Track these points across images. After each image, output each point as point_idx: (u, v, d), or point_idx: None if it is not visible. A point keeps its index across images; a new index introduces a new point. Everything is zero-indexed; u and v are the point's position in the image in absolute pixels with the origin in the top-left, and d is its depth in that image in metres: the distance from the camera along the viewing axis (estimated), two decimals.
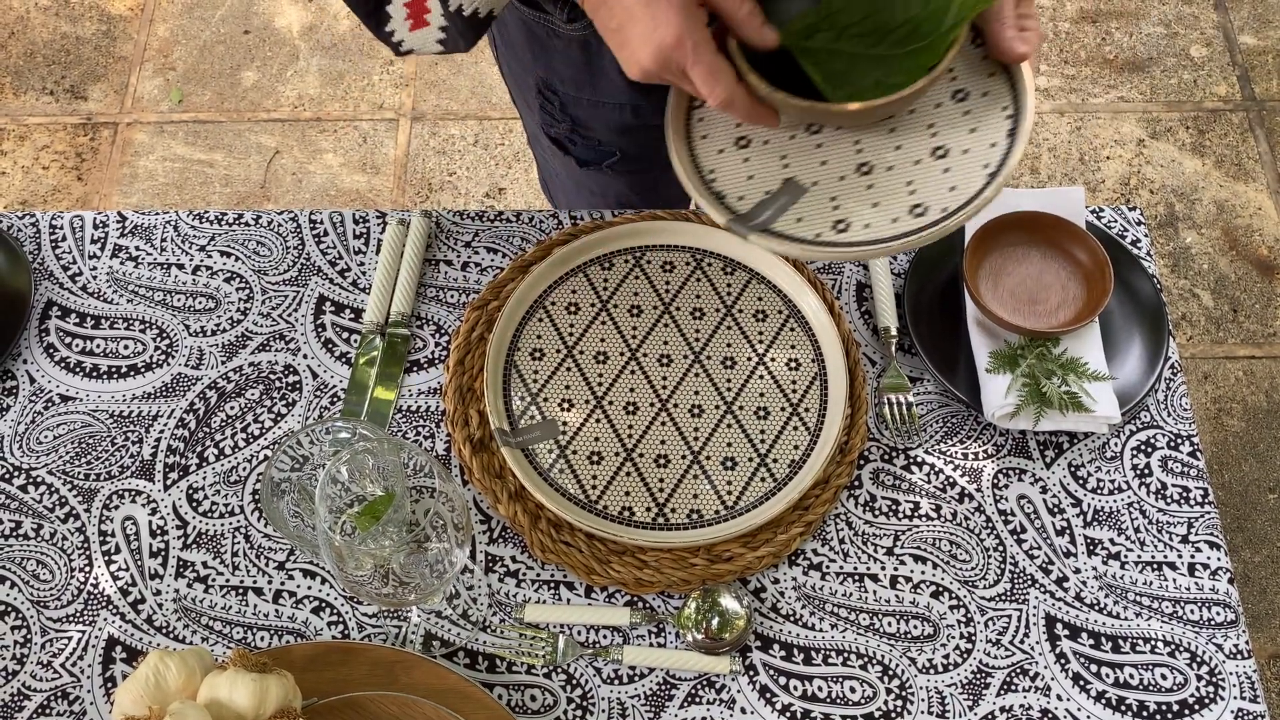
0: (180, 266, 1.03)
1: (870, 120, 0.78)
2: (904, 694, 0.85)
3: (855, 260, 0.78)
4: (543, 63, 1.03)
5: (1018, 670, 0.86)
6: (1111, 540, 0.91)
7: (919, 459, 0.94)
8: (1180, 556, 0.90)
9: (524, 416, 0.94)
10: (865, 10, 0.75)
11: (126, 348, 0.99)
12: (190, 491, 0.93)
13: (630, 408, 0.95)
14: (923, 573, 0.89)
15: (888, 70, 0.74)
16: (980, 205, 0.75)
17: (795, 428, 0.94)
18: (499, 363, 0.96)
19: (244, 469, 0.94)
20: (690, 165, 0.81)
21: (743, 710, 0.85)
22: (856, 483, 0.93)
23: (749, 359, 0.97)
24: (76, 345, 1.00)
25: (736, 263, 1.01)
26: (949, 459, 0.94)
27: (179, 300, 1.02)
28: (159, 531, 0.92)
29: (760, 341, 0.98)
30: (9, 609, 0.89)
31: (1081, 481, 0.93)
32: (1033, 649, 0.87)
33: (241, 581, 0.90)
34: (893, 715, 0.84)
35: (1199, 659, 0.86)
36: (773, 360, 0.97)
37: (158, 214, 1.05)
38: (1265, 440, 1.96)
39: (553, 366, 0.96)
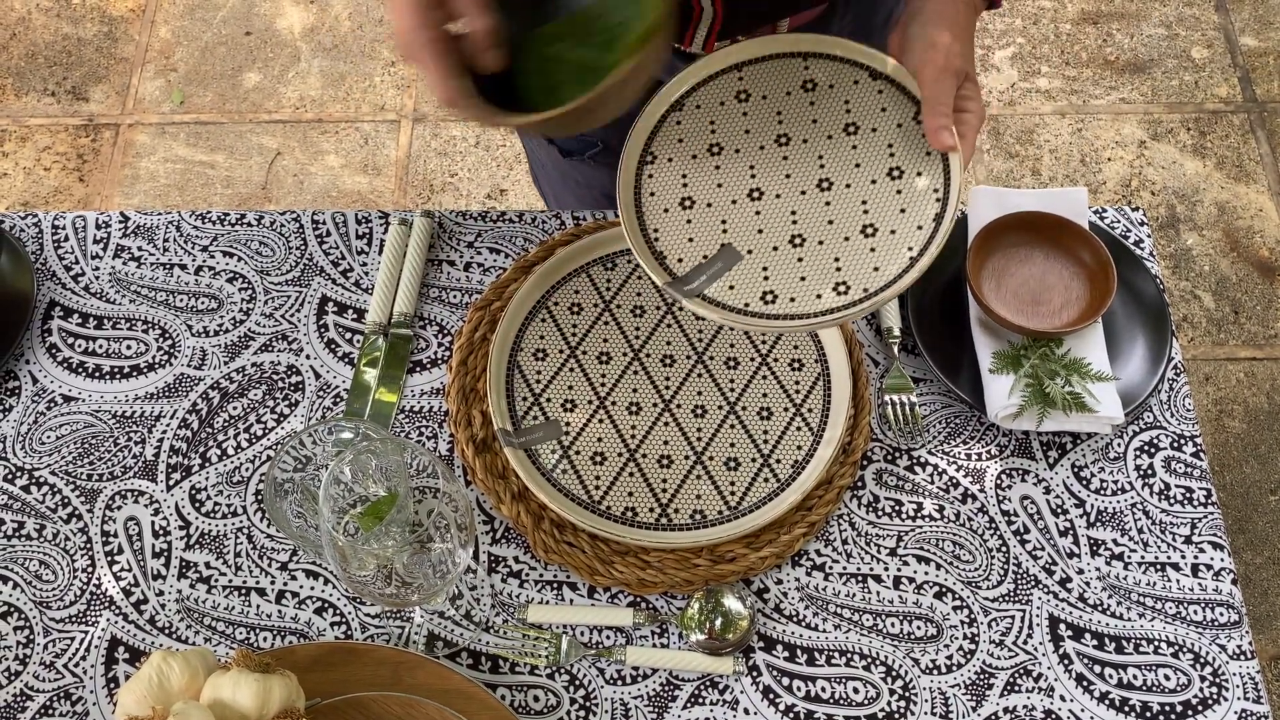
0: (183, 267, 1.03)
1: (572, 123, 0.77)
2: (907, 695, 0.85)
3: (777, 332, 0.82)
4: None
5: (1021, 671, 0.86)
6: (1115, 541, 0.91)
7: (922, 460, 0.94)
8: (1184, 557, 0.90)
9: (527, 417, 0.94)
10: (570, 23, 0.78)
11: (129, 348, 0.99)
12: (193, 492, 0.93)
13: (633, 408, 0.95)
14: (926, 573, 0.89)
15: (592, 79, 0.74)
16: (898, 290, 0.78)
17: (798, 428, 0.94)
18: (502, 363, 0.96)
19: (247, 469, 0.94)
20: (635, 223, 0.84)
21: (746, 711, 0.84)
22: (860, 483, 0.93)
23: (752, 359, 0.97)
24: (79, 346, 1.00)
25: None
26: (952, 460, 0.94)
27: (181, 300, 1.02)
28: (162, 532, 0.92)
29: (763, 342, 0.98)
30: (12, 609, 0.89)
31: (1085, 482, 0.93)
32: (1036, 650, 0.87)
33: (244, 582, 0.90)
34: (896, 716, 0.84)
35: (1202, 660, 0.86)
36: (776, 360, 0.97)
37: (160, 214, 1.05)
38: (1266, 442, 1.96)
39: (555, 367, 0.96)
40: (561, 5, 0.80)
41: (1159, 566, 0.90)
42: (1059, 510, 0.92)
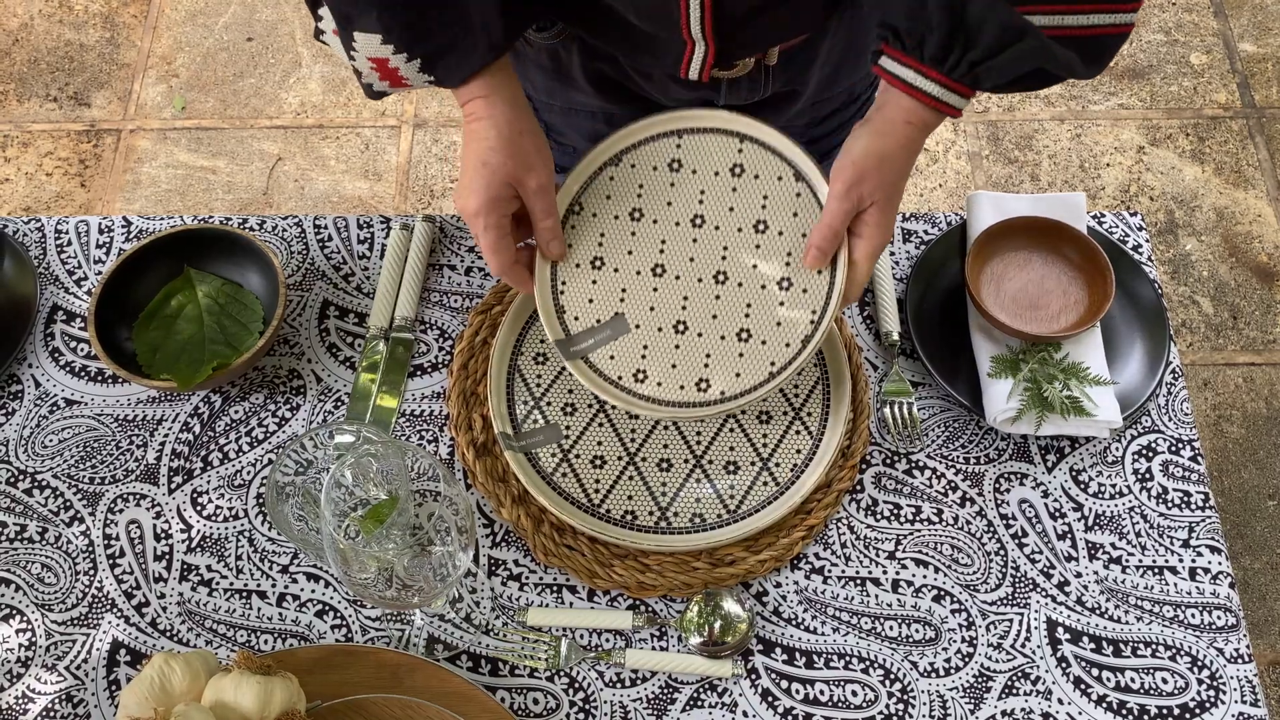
0: None
1: None
2: (905, 697, 0.85)
3: (635, 411, 0.85)
4: (516, 69, 1.04)
5: (1019, 674, 0.86)
6: (1113, 544, 0.91)
7: (921, 463, 0.94)
8: (1181, 561, 0.90)
9: (527, 420, 0.94)
10: None
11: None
12: (194, 495, 0.93)
13: (632, 412, 0.95)
14: (924, 577, 0.90)
15: None
16: (752, 400, 0.83)
17: (797, 432, 0.94)
18: (502, 367, 0.96)
19: (248, 473, 0.95)
20: (548, 277, 0.88)
21: (745, 714, 0.85)
22: (858, 487, 0.93)
23: None
24: (81, 350, 1.00)
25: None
26: (951, 463, 0.94)
27: None
28: (163, 535, 0.92)
29: None
30: (14, 612, 0.89)
31: (1083, 486, 0.93)
32: (1034, 653, 0.87)
33: (245, 585, 0.90)
34: (894, 719, 0.84)
35: (1200, 663, 0.86)
36: None
37: (162, 219, 1.06)
38: (1265, 447, 1.96)
39: (556, 370, 0.97)
40: None
41: (1157, 570, 0.90)
42: (1057, 514, 0.92)
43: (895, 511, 0.92)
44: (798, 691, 0.85)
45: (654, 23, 0.83)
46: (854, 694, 0.85)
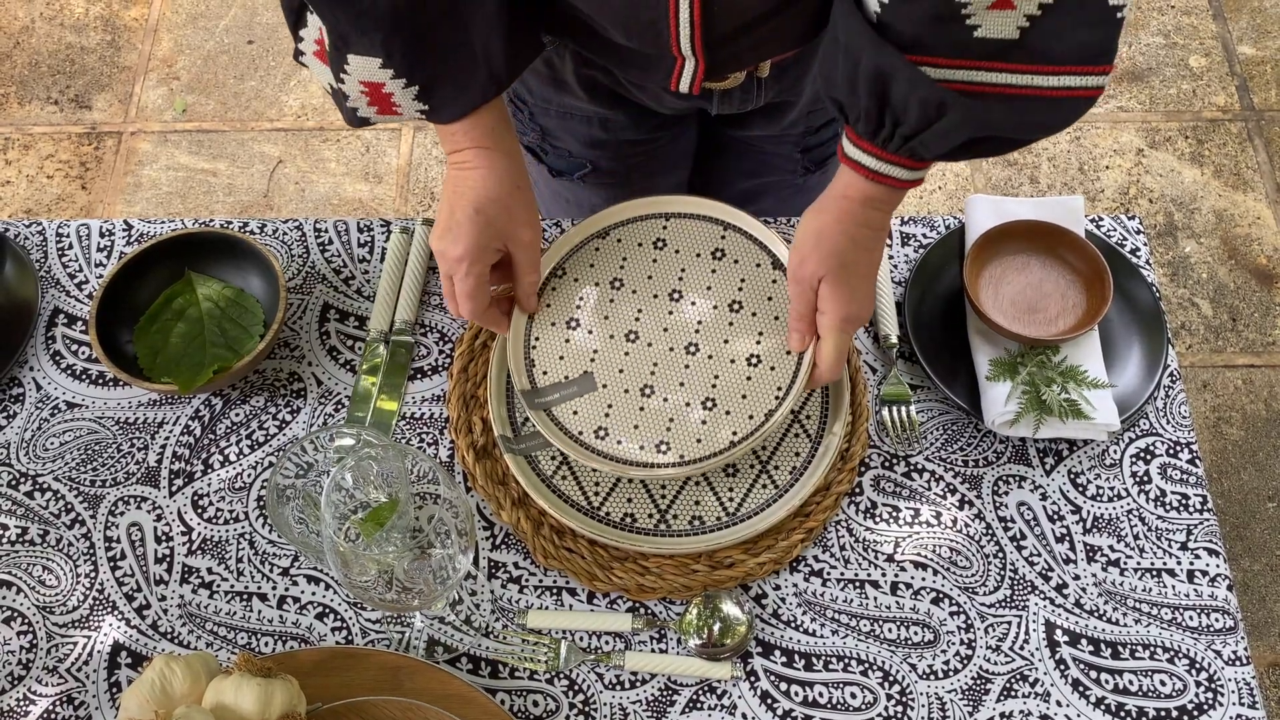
0: None
1: None
2: (904, 700, 0.85)
3: (592, 465, 0.87)
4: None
5: (1017, 676, 0.86)
6: (1111, 547, 0.91)
7: (919, 466, 0.95)
8: (1179, 563, 0.90)
9: (527, 423, 0.95)
10: None
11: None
12: (195, 498, 0.94)
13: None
14: (923, 579, 0.90)
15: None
16: (709, 466, 0.85)
17: (796, 434, 0.94)
18: (502, 370, 0.96)
19: (249, 475, 0.95)
20: (522, 330, 0.92)
21: (744, 716, 0.85)
22: (857, 489, 0.94)
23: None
24: (82, 353, 1.00)
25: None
26: (949, 466, 0.94)
27: None
28: (164, 538, 0.92)
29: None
30: (15, 615, 0.89)
31: (1081, 488, 0.94)
32: (1032, 655, 0.87)
33: (246, 587, 0.90)
34: None
35: (1198, 665, 0.86)
36: None
37: (164, 222, 1.06)
38: (1264, 449, 1.96)
39: None
40: None
41: (1155, 572, 0.90)
42: (1055, 516, 0.92)
43: (894, 514, 0.93)
44: (797, 694, 0.86)
45: (643, 41, 0.83)
46: (853, 696, 0.86)
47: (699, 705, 0.85)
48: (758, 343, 0.89)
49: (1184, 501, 0.93)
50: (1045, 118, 0.70)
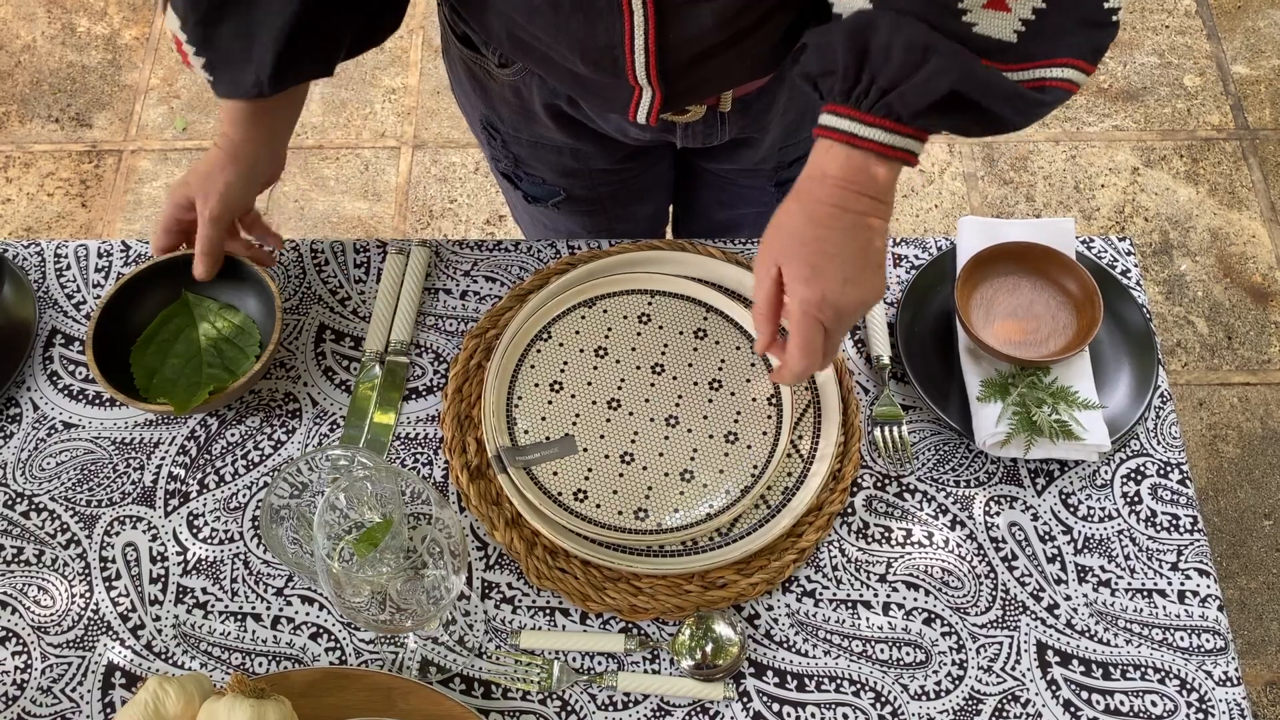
0: None
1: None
2: None
3: (572, 528, 0.89)
4: (485, 101, 1.06)
5: (1009, 697, 0.87)
6: (1102, 567, 0.91)
7: (911, 486, 0.95)
8: (1170, 584, 0.91)
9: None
10: None
11: None
12: (190, 518, 0.94)
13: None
14: (915, 599, 0.90)
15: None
16: (685, 537, 0.88)
17: (789, 455, 0.95)
18: (502, 391, 0.97)
19: (244, 495, 0.95)
20: (505, 390, 0.95)
21: None
22: (849, 510, 0.94)
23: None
24: (80, 373, 1.01)
25: (732, 292, 1.02)
26: (941, 486, 0.95)
27: None
28: (159, 558, 0.92)
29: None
30: (10, 635, 0.89)
31: (1072, 509, 0.94)
32: (1024, 675, 0.87)
33: (240, 607, 0.91)
34: None
35: (1189, 686, 0.87)
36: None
37: None
38: (1260, 466, 1.97)
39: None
40: None
41: (1146, 593, 0.90)
42: (1046, 537, 0.93)
43: (886, 534, 0.93)
44: (789, 714, 0.86)
45: (600, 68, 0.83)
46: (845, 717, 0.86)
47: None
48: (735, 421, 0.94)
49: (1175, 522, 0.93)
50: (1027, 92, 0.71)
